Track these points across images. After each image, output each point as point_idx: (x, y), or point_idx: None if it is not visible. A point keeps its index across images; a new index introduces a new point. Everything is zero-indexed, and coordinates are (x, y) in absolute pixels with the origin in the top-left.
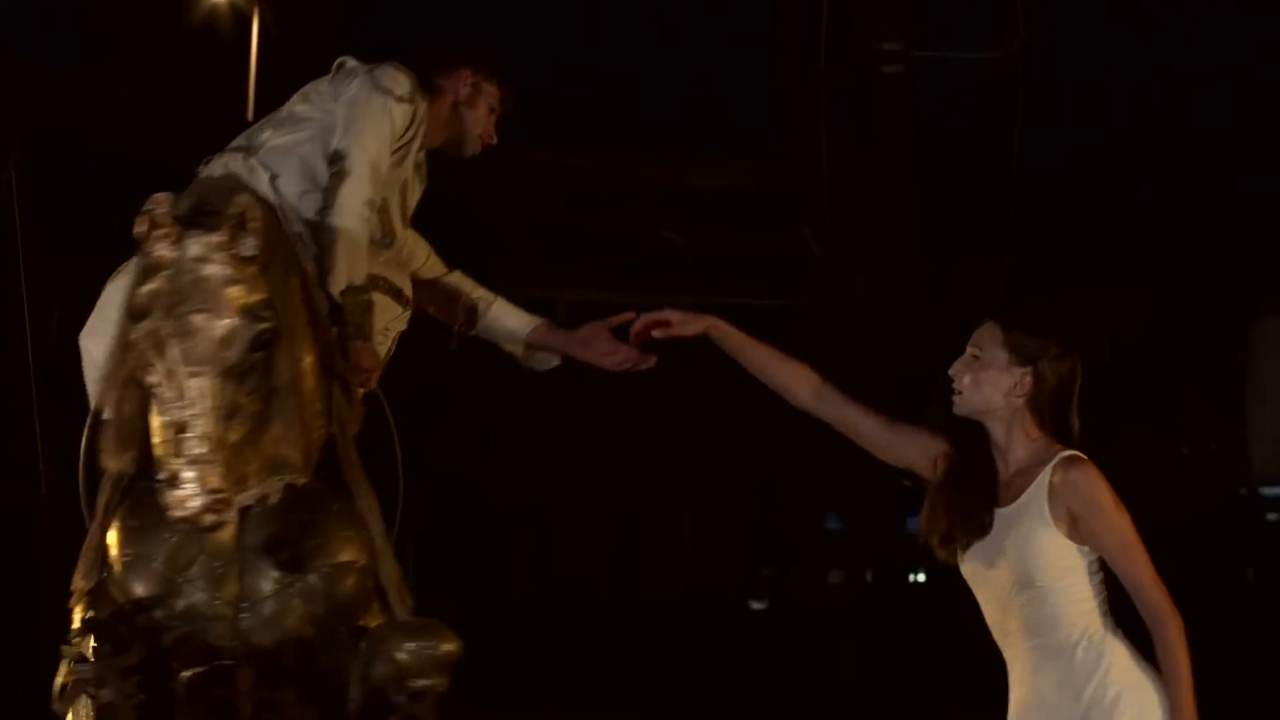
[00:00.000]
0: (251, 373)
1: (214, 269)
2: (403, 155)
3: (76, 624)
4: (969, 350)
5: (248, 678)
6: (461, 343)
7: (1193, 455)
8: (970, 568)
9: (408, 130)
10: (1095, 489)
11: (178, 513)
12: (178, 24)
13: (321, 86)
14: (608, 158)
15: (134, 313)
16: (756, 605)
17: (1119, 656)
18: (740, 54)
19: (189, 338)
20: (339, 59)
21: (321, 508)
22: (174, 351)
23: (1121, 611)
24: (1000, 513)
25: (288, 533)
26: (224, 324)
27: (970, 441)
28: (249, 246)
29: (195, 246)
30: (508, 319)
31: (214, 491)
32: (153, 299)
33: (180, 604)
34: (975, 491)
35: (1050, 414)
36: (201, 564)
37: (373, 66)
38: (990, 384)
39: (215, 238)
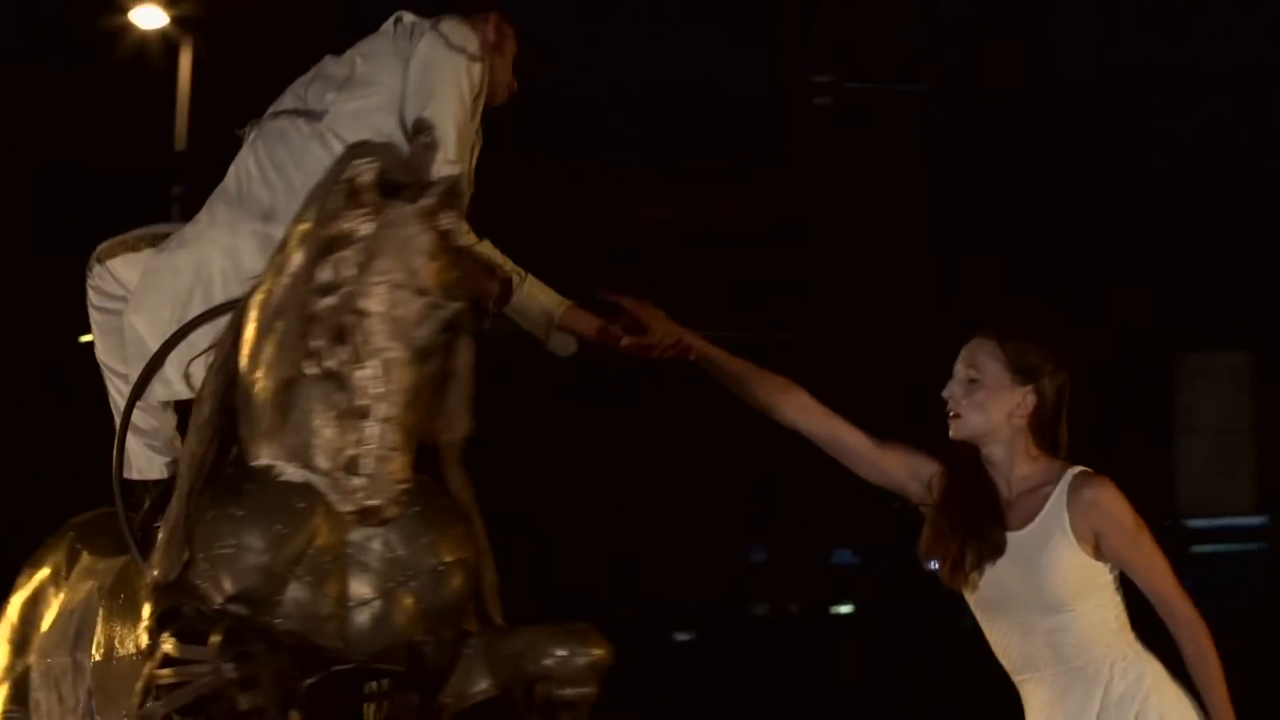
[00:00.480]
0: (435, 355)
1: (416, 242)
2: (473, 113)
3: (150, 619)
4: (963, 371)
5: (369, 683)
6: (493, 319)
7: (1120, 487)
8: (984, 594)
9: (479, 88)
10: (1118, 506)
11: (356, 504)
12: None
13: (380, 44)
14: (559, 191)
15: (319, 288)
16: (682, 637)
17: (1157, 676)
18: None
19: (383, 315)
20: (396, 13)
21: (430, 501)
22: (365, 329)
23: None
24: (1014, 536)
25: (400, 528)
26: (421, 302)
27: (966, 462)
28: (451, 220)
29: (397, 217)
30: (541, 295)
31: (400, 482)
32: (342, 273)
33: (286, 601)
34: (982, 512)
35: (1050, 431)
36: (310, 559)
37: (435, 21)
38: (993, 405)
39: (419, 208)
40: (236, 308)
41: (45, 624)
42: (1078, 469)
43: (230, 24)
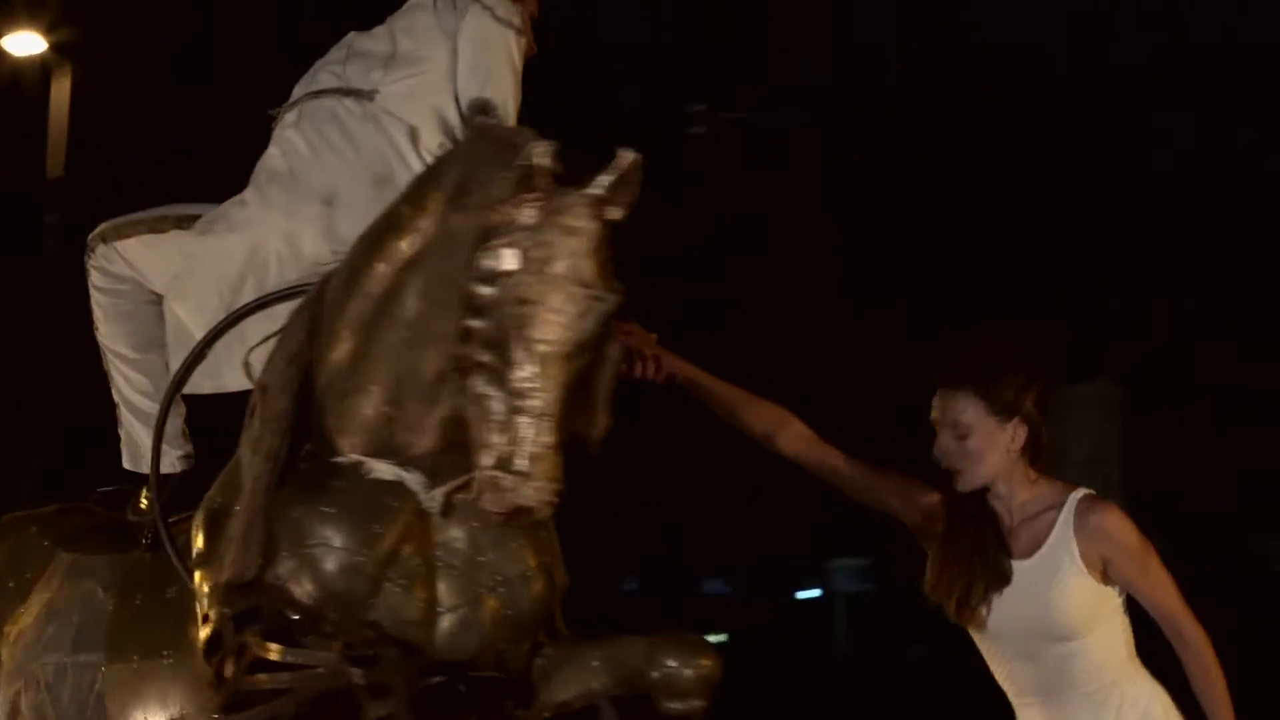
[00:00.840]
0: (588, 350)
1: (583, 232)
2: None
3: (220, 621)
4: (947, 429)
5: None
6: None
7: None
8: (991, 624)
9: (522, 61)
10: (1126, 532)
11: (508, 504)
12: None
13: (421, 19)
14: None
15: (481, 277)
16: None
17: (1166, 707)
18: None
19: (546, 307)
20: None
21: None
22: (526, 321)
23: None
24: (1020, 565)
25: (489, 531)
26: (583, 294)
27: (965, 494)
28: (619, 209)
29: (564, 205)
30: None
31: (554, 481)
32: (505, 262)
33: (380, 604)
34: (986, 544)
35: (1042, 450)
36: (403, 560)
37: None
38: (989, 452)
39: (589, 196)
40: (306, 295)
41: (16, 624)
42: (1080, 492)
43: (109, 51)
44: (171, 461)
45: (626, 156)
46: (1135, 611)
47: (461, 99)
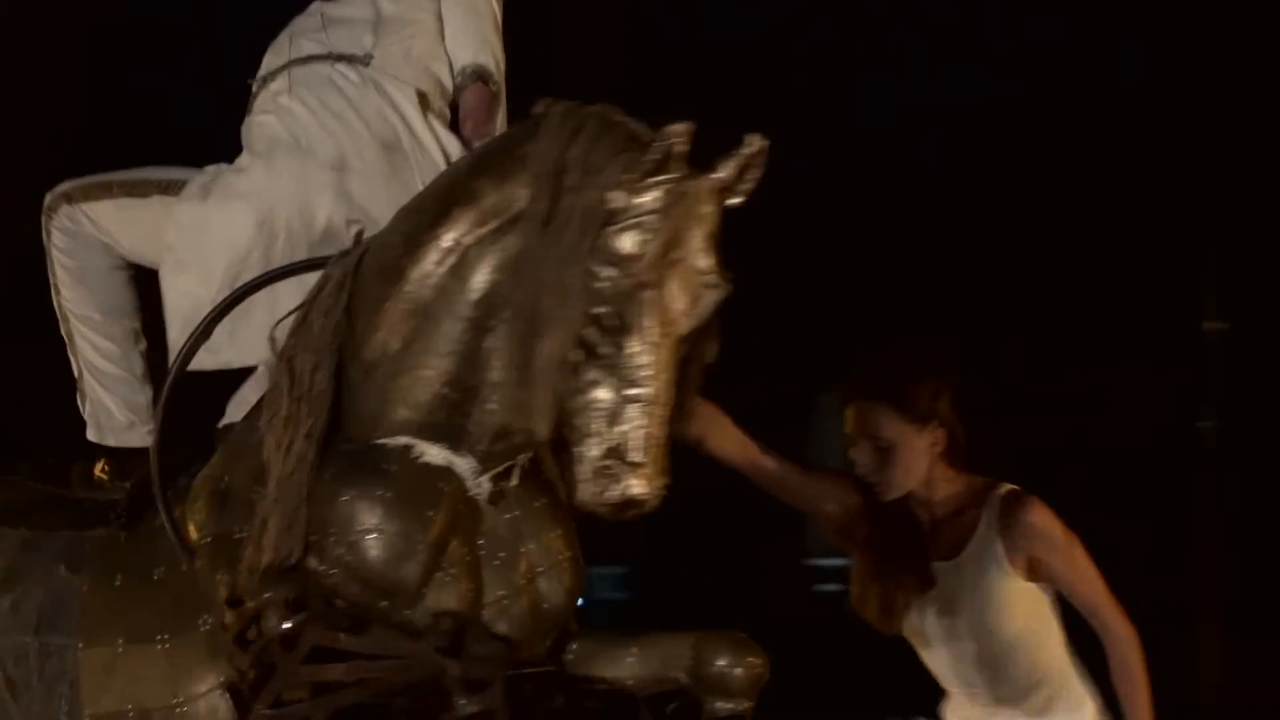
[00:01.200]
0: (686, 341)
1: (707, 218)
2: None
3: (257, 604)
4: (865, 443)
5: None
6: None
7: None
8: (919, 629)
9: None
10: (1051, 527)
11: (619, 496)
12: None
13: None
14: None
15: (604, 259)
16: None
17: (1093, 701)
18: None
19: (664, 294)
20: None
21: (546, 493)
22: (645, 308)
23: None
24: (942, 566)
25: (530, 520)
26: (699, 282)
27: (884, 502)
28: (741, 195)
29: (689, 190)
30: None
31: (664, 474)
32: (628, 247)
33: (430, 596)
34: (907, 548)
35: (961, 449)
36: (453, 551)
37: None
38: (911, 459)
39: (715, 182)
40: (336, 268)
41: None
42: (1003, 489)
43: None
44: (142, 435)
45: (754, 142)
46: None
47: (455, 63)
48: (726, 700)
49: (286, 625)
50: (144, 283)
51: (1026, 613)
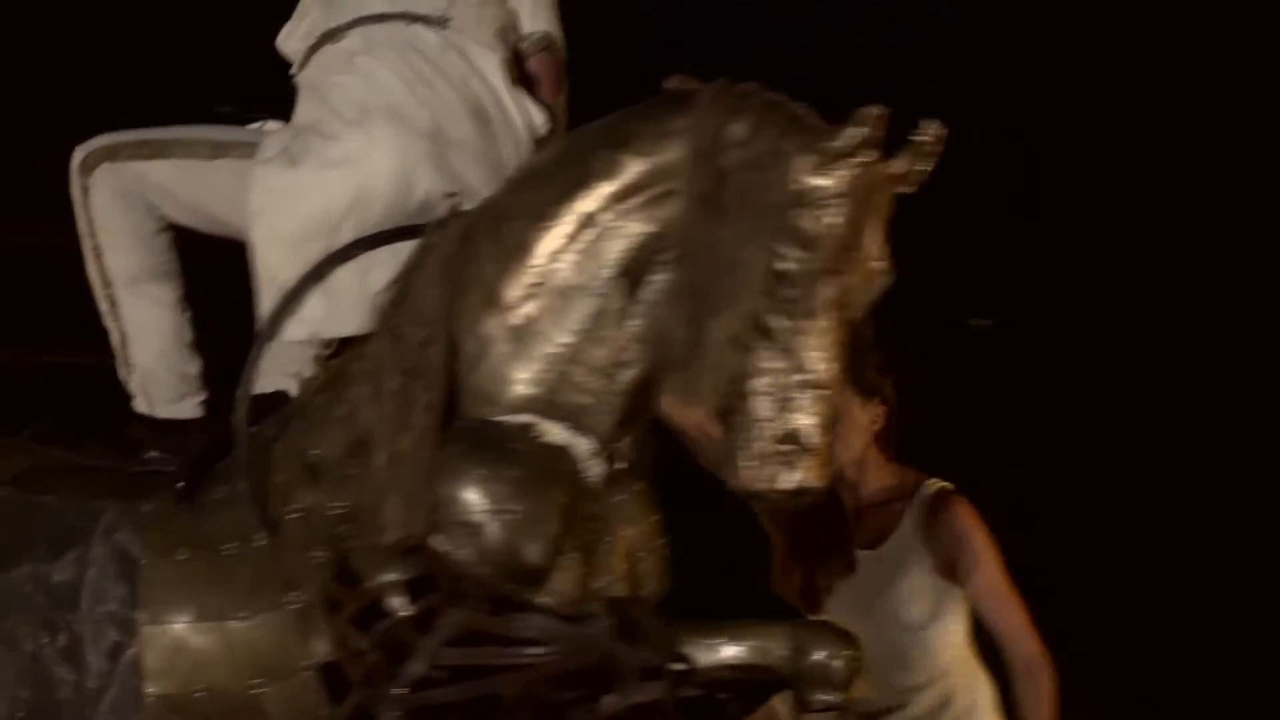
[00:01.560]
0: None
1: (879, 204)
2: None
3: (380, 586)
4: None
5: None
6: None
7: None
8: (831, 608)
9: None
10: (970, 530)
11: (795, 482)
12: None
13: None
14: None
15: (800, 240)
16: None
17: (989, 696)
18: None
19: (848, 280)
20: None
21: (643, 478)
22: (821, 292)
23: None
24: (866, 555)
25: (630, 505)
26: (868, 268)
27: None
28: (914, 182)
29: (875, 176)
30: None
31: (830, 461)
32: (811, 231)
33: (552, 583)
34: (830, 532)
35: (894, 437)
36: (572, 539)
37: None
38: (851, 432)
39: (893, 168)
40: (439, 237)
41: None
42: (933, 486)
43: None
44: (193, 407)
45: (929, 130)
46: None
47: (523, 29)
48: (827, 692)
49: (416, 606)
50: (183, 247)
51: (938, 608)
